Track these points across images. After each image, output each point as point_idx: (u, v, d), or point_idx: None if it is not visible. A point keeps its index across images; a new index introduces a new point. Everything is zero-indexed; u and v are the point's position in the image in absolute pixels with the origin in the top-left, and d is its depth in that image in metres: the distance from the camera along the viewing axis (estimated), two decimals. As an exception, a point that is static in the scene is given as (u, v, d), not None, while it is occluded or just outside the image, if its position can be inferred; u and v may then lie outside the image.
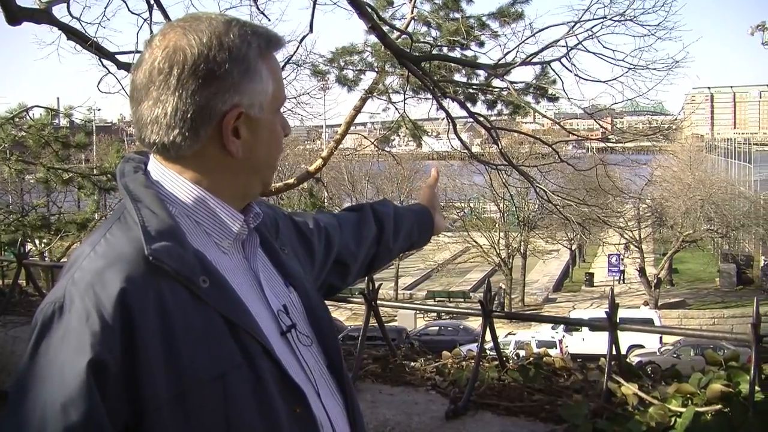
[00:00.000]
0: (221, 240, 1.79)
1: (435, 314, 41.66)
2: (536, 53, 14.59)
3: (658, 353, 30.47)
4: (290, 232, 2.20)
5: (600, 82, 14.70)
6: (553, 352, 4.19)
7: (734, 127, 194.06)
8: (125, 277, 1.58)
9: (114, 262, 1.61)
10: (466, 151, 18.69)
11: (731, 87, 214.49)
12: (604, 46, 14.34)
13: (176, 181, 1.78)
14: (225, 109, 1.73)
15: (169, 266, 1.61)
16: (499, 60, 14.72)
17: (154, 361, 1.55)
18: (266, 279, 1.88)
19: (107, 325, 1.53)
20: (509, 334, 34.08)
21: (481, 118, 15.38)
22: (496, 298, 46.20)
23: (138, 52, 11.53)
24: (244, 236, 1.85)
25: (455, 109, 15.80)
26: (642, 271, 46.66)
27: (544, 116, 18.76)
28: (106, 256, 1.63)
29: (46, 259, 27.58)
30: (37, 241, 27.80)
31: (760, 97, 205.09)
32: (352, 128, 20.95)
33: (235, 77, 1.73)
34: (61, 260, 29.68)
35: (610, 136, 20.87)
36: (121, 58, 11.64)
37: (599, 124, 18.24)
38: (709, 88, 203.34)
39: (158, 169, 1.80)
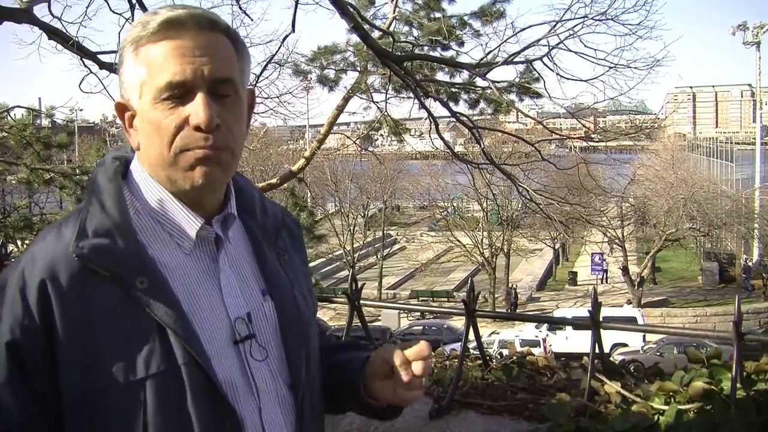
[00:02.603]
0: (182, 241, 1.75)
1: (419, 314, 41.65)
2: (518, 52, 14.60)
3: (641, 351, 30.63)
4: (298, 246, 2.09)
5: (581, 81, 14.70)
6: (536, 351, 4.20)
7: (716, 126, 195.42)
8: (50, 269, 1.60)
9: (48, 253, 1.63)
10: (448, 150, 18.67)
11: (713, 86, 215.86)
12: (585, 45, 14.34)
13: (145, 179, 1.76)
14: (119, 101, 1.76)
15: (96, 265, 1.61)
16: (481, 59, 14.72)
17: (72, 354, 1.56)
18: (237, 284, 1.81)
19: (28, 311, 1.57)
20: (493, 333, 34.17)
21: (464, 118, 15.37)
22: (510, 298, 46.46)
23: (121, 52, 11.52)
24: (212, 238, 1.79)
25: (438, 109, 15.82)
26: (625, 270, 46.79)
27: (527, 115, 18.78)
28: (47, 245, 1.65)
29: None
30: (19, 242, 27.64)
31: (742, 97, 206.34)
32: (335, 128, 20.94)
33: (121, 70, 1.75)
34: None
35: (592, 135, 20.87)
36: (102, 57, 11.58)
37: (581, 124, 18.26)
38: (691, 87, 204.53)
39: (135, 163, 1.79)
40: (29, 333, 1.56)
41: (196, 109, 1.65)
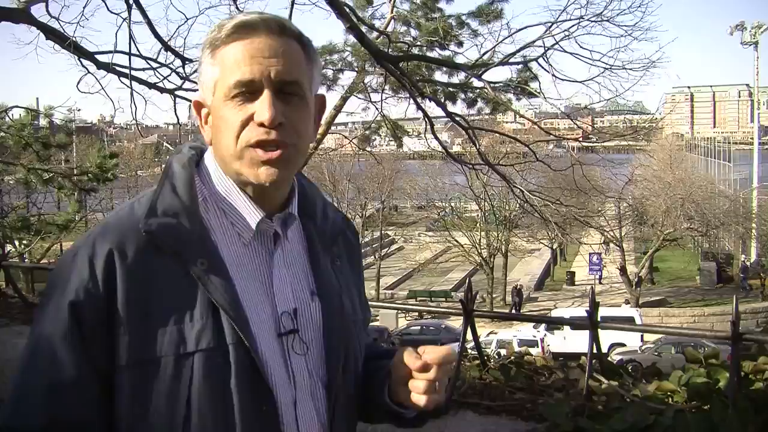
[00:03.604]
0: (243, 231, 1.87)
1: (416, 314, 41.60)
2: (514, 53, 14.62)
3: (639, 351, 30.57)
4: (353, 255, 2.18)
5: (577, 82, 14.71)
6: (534, 351, 4.20)
7: (714, 126, 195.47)
8: (118, 240, 1.74)
9: (119, 225, 1.79)
10: (443, 150, 18.67)
11: (711, 86, 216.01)
12: (580, 47, 14.36)
13: (216, 170, 1.90)
14: (196, 99, 1.90)
15: (162, 241, 1.75)
16: (477, 60, 14.74)
17: (129, 322, 1.70)
18: (288, 280, 1.92)
19: (94, 277, 1.72)
20: (491, 333, 34.12)
21: (459, 118, 15.33)
22: (516, 297, 46.36)
23: (117, 52, 11.46)
24: (271, 233, 1.90)
25: (434, 109, 15.80)
26: (623, 270, 46.75)
27: (522, 116, 18.83)
28: (120, 219, 1.81)
29: (26, 260, 27.42)
30: (17, 242, 27.60)
31: (740, 97, 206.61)
32: (332, 128, 20.93)
33: (199, 70, 1.89)
34: (41, 261, 29.53)
35: (589, 136, 20.87)
36: (100, 57, 11.56)
37: (576, 124, 18.25)
38: (689, 87, 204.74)
39: (209, 154, 1.94)
40: (92, 296, 1.70)
41: (261, 107, 1.77)
